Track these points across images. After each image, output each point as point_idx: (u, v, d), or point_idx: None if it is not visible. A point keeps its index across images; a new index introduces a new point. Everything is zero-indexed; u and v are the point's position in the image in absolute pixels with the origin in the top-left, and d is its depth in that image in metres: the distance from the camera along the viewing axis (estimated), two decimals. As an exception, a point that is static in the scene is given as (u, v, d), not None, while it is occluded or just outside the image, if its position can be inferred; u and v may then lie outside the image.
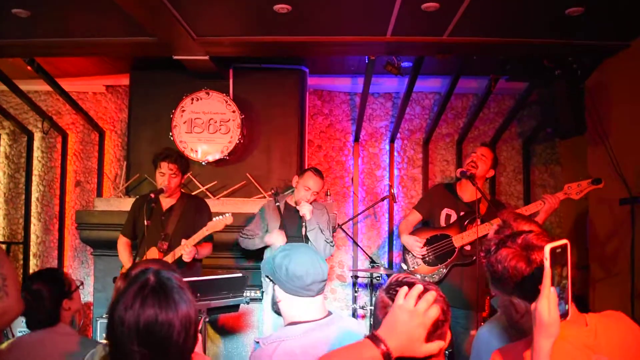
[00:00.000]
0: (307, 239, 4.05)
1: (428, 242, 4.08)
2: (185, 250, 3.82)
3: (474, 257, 3.92)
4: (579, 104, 4.58)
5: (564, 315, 1.46)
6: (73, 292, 2.54)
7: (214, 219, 3.88)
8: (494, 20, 3.85)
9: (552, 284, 1.43)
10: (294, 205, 4.23)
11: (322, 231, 4.15)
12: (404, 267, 4.18)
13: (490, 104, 5.80)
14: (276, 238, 4.07)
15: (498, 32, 4.05)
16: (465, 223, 3.99)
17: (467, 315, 3.95)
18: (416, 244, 4.06)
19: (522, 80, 5.39)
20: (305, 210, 4.04)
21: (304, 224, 4.04)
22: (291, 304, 2.06)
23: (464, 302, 3.95)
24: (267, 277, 2.14)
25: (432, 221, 4.27)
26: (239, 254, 4.92)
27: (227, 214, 3.87)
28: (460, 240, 3.95)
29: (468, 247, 3.99)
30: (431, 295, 1.47)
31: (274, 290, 2.10)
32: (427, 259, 4.04)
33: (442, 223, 4.12)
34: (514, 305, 1.65)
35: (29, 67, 4.95)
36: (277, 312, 2.14)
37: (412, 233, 4.21)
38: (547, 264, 1.43)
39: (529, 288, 1.55)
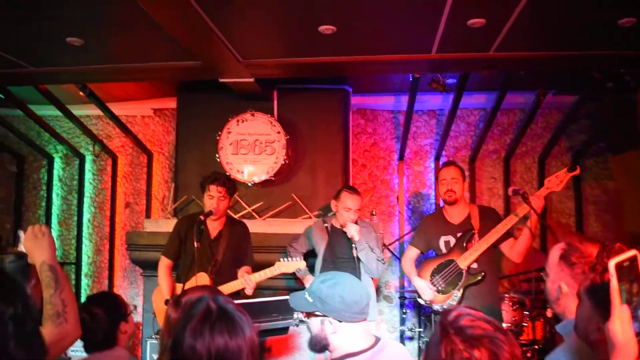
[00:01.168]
0: (358, 261, 4.01)
1: (436, 272, 4.04)
2: (249, 285, 3.85)
3: (483, 273, 3.90)
4: (631, 117, 4.44)
5: None
6: (129, 315, 2.58)
7: (282, 259, 3.90)
8: (542, 34, 3.77)
9: (623, 302, 1.35)
10: (339, 227, 4.20)
11: (372, 250, 4.09)
12: (421, 301, 4.15)
13: (537, 118, 5.67)
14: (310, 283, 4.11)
15: (546, 45, 3.97)
16: (465, 243, 3.97)
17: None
18: (427, 290, 4.03)
19: (571, 94, 5.27)
20: (353, 231, 3.98)
21: (353, 245, 3.99)
22: (346, 333, 2.04)
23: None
24: (310, 313, 2.09)
25: (434, 251, 4.23)
26: (287, 275, 4.91)
27: (298, 259, 3.92)
28: (464, 260, 3.93)
29: (475, 265, 3.96)
30: None
31: (321, 324, 2.05)
32: (440, 288, 4.01)
33: (444, 250, 4.09)
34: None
35: (81, 93, 5.12)
36: (320, 351, 2.11)
37: (420, 266, 4.19)
38: (613, 281, 1.35)
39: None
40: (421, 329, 5.01)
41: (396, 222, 5.81)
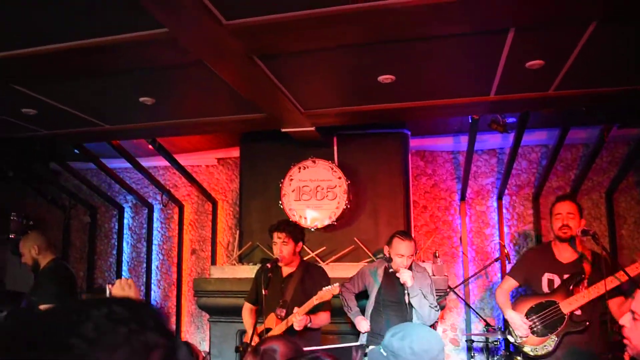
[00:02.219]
0: (410, 306, 3.96)
1: (534, 311, 3.85)
2: (297, 318, 3.89)
3: (587, 323, 3.68)
4: None
5: None
6: (203, 362, 2.67)
7: (323, 289, 3.93)
8: (602, 71, 3.72)
9: None
10: (392, 271, 4.18)
11: (425, 296, 4.02)
12: (511, 339, 3.96)
13: (602, 152, 5.53)
14: (360, 324, 4.14)
15: (606, 82, 3.91)
16: (571, 287, 3.76)
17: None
18: (522, 325, 3.84)
19: (636, 127, 5.14)
20: (406, 277, 3.93)
21: (406, 291, 3.96)
22: None
23: None
24: None
25: (531, 287, 4.04)
26: (340, 320, 4.89)
27: (335, 284, 3.93)
28: (569, 306, 3.71)
29: (579, 312, 3.74)
30: None
31: None
32: (535, 329, 3.81)
33: (545, 289, 3.89)
34: None
35: (150, 147, 5.39)
36: None
37: (515, 303, 3.99)
38: None
39: None
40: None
41: (460, 264, 5.73)
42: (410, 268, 4.05)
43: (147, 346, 0.63)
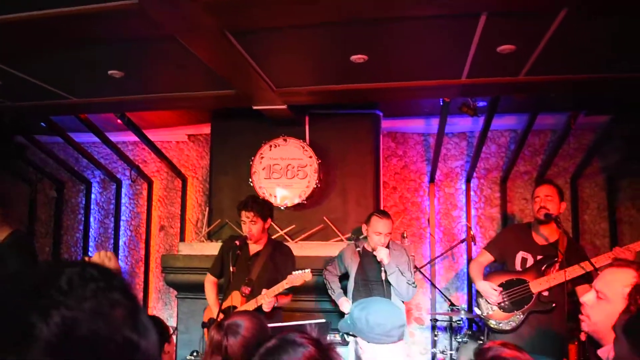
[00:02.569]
0: (387, 284, 4.04)
1: (503, 287, 3.94)
2: (266, 300, 3.93)
3: (554, 304, 3.78)
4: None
5: None
6: (170, 336, 2.68)
7: (294, 272, 3.96)
8: (572, 58, 3.78)
9: None
10: (371, 250, 4.24)
11: (402, 273, 4.09)
12: (478, 311, 4.07)
13: (569, 139, 5.63)
14: (343, 306, 4.20)
15: (576, 69, 3.98)
16: (543, 268, 3.86)
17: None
18: (493, 292, 3.92)
19: (603, 114, 5.25)
20: (382, 255, 4.01)
21: (383, 268, 4.03)
22: (375, 354, 2.11)
23: (545, 349, 3.79)
24: (348, 334, 2.25)
25: (505, 264, 4.14)
26: (320, 297, 4.95)
27: (306, 270, 3.96)
28: (538, 285, 3.81)
29: (546, 293, 3.84)
30: None
31: (356, 344, 2.18)
32: (502, 304, 3.91)
33: (518, 267, 3.98)
34: None
35: (119, 121, 5.30)
36: None
37: (486, 277, 4.08)
38: None
39: None
40: (452, 352, 4.99)
41: (427, 245, 5.82)
42: (387, 246, 4.11)
43: (112, 303, 0.72)
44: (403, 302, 4.21)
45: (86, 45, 3.57)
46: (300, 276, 3.93)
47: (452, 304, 5.07)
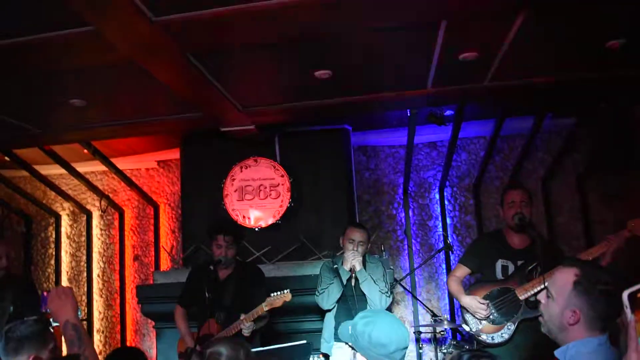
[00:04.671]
0: (358, 291, 3.95)
1: (489, 298, 3.82)
2: (245, 325, 3.84)
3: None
4: (629, 135, 4.45)
5: None
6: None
7: (272, 294, 3.88)
8: (533, 61, 3.82)
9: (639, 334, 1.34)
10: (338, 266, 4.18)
11: (375, 281, 4.02)
12: (467, 328, 3.92)
13: (538, 143, 5.70)
14: (353, 258, 3.93)
15: (538, 72, 4.02)
16: (527, 273, 3.76)
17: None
18: (480, 307, 3.79)
19: (568, 116, 5.32)
20: (354, 262, 3.91)
21: (353, 274, 3.95)
22: None
23: (543, 356, 3.73)
24: (347, 343, 2.17)
25: (485, 274, 4.07)
26: (301, 318, 4.87)
27: (286, 291, 3.88)
28: (524, 292, 3.70)
29: (534, 299, 3.75)
30: None
31: (354, 357, 2.13)
32: (491, 317, 3.80)
33: (499, 275, 3.87)
34: None
35: (85, 151, 5.20)
36: None
37: (469, 291, 4.00)
38: (628, 312, 1.33)
39: None
40: (439, 364, 4.94)
41: (405, 256, 5.80)
42: (364, 260, 4.04)
43: None
44: None
45: (44, 75, 3.50)
46: (280, 297, 3.86)
47: (434, 315, 5.02)
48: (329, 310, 4.11)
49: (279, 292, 3.88)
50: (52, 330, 2.17)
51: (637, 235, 3.54)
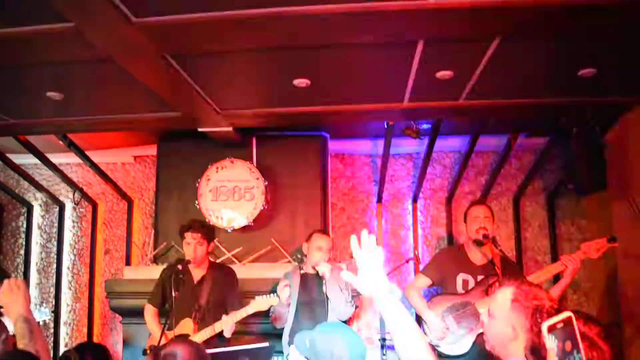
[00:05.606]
0: (327, 298, 4.05)
1: (449, 311, 3.94)
2: (228, 325, 3.90)
3: None
4: (598, 159, 4.57)
5: None
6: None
7: (257, 297, 3.93)
8: (508, 84, 3.91)
9: None
10: (312, 271, 4.27)
11: (341, 290, 4.14)
12: (427, 339, 4.01)
13: (511, 160, 5.80)
14: (324, 266, 4.06)
15: (512, 94, 4.12)
16: (486, 288, 3.88)
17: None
18: (440, 328, 3.90)
19: (542, 136, 5.43)
20: (324, 269, 4.06)
21: (324, 281, 4.05)
22: None
23: None
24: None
25: (446, 287, 4.16)
26: (263, 321, 4.89)
27: (272, 295, 3.96)
28: (484, 306, 3.84)
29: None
30: None
31: None
32: (451, 328, 3.91)
33: (460, 289, 4.00)
34: None
35: (61, 143, 5.17)
36: None
37: (431, 302, 4.07)
38: (547, 342, 1.34)
39: None
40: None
41: (375, 265, 5.84)
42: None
43: None
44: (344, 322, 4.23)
45: (22, 67, 3.49)
46: (266, 300, 3.95)
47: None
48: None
49: (265, 296, 3.95)
50: (2, 321, 2.18)
51: (590, 257, 3.67)
